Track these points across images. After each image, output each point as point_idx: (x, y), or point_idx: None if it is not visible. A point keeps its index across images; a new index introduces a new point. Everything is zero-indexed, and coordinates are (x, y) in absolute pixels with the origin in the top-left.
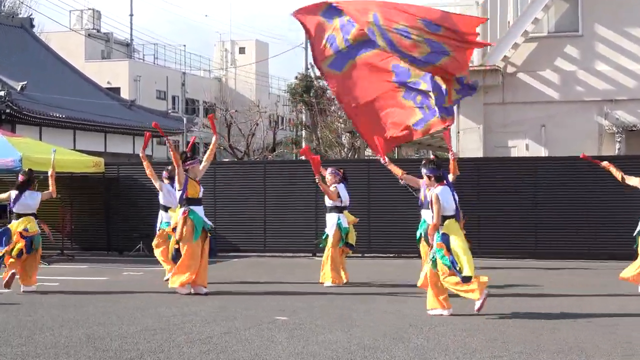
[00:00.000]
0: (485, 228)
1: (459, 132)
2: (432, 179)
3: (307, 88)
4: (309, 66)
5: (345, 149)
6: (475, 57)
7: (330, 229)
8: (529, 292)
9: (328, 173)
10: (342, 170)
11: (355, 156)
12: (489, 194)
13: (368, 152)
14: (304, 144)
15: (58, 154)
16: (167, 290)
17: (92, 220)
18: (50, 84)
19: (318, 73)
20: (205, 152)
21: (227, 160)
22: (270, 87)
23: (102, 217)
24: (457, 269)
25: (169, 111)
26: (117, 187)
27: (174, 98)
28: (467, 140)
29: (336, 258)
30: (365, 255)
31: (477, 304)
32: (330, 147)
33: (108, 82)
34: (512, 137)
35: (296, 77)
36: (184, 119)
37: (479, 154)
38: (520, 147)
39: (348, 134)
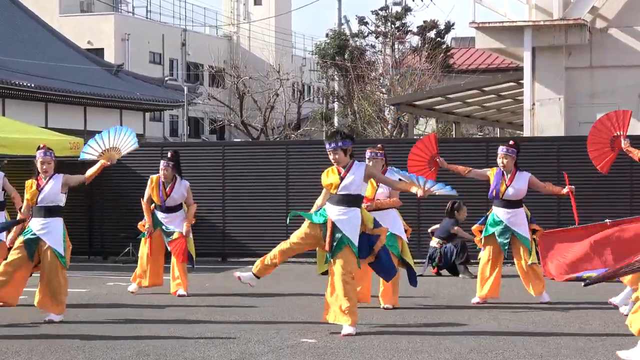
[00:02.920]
0: (567, 222)
1: (533, 105)
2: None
3: (340, 49)
4: (343, 20)
5: (389, 126)
6: (555, 8)
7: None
8: None
9: (369, 158)
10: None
11: (402, 135)
12: (572, 181)
13: (418, 129)
14: (336, 119)
15: (23, 133)
16: (162, 303)
17: (69, 218)
18: (15, 45)
19: (354, 29)
20: (211, 132)
21: (238, 140)
22: (293, 48)
23: (82, 214)
24: None
25: (166, 79)
26: (101, 174)
27: (172, 62)
28: (545, 114)
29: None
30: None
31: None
32: (369, 123)
33: (89, 42)
34: (602, 109)
35: (326, 35)
36: (185, 89)
37: (560, 131)
38: None
39: (392, 107)
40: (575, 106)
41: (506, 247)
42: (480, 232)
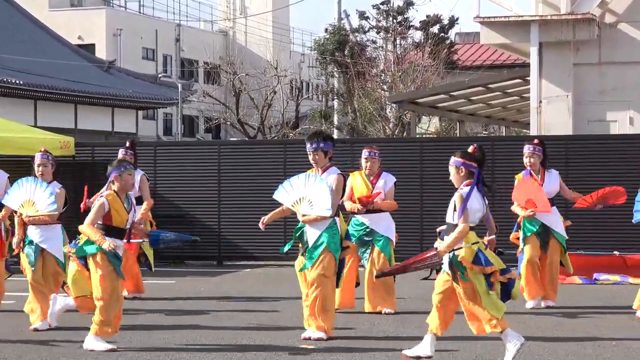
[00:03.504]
0: (577, 224)
1: (540, 102)
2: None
3: (340, 44)
4: (343, 15)
5: (391, 124)
6: (563, 2)
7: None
8: None
9: (366, 158)
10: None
11: (404, 134)
12: (581, 182)
13: (420, 127)
14: (335, 118)
15: (12, 132)
16: (155, 308)
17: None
18: (3, 40)
19: (355, 24)
20: (206, 131)
21: (235, 139)
22: (291, 44)
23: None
24: None
25: (160, 75)
26: (92, 174)
27: (165, 58)
28: (552, 112)
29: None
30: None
31: None
32: (370, 121)
33: (79, 38)
34: (612, 108)
35: (326, 30)
36: (179, 86)
37: (567, 130)
38: (623, 122)
39: (394, 105)
40: (584, 104)
41: (546, 246)
42: (518, 239)
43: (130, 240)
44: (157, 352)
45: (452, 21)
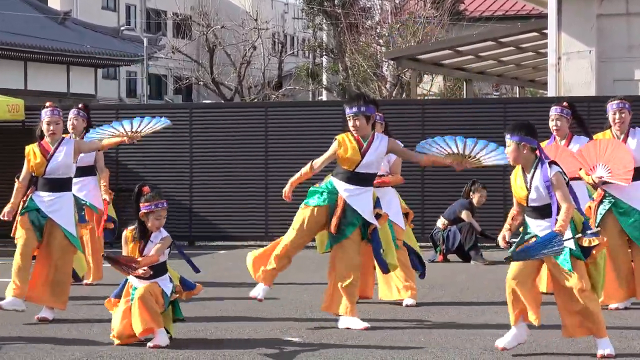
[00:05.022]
0: None
1: (559, 59)
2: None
3: None
4: None
5: (388, 85)
6: None
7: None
8: None
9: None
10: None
11: (403, 95)
12: None
13: (422, 88)
14: (324, 77)
15: None
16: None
17: (7, 195)
18: None
19: None
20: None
21: (209, 102)
22: None
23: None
24: None
25: (122, 28)
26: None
27: (128, 8)
28: (572, 70)
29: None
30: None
31: None
32: (364, 81)
33: None
34: None
35: None
36: (144, 40)
37: (590, 91)
38: None
39: (391, 62)
40: (609, 61)
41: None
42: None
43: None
44: (118, 348)
45: None
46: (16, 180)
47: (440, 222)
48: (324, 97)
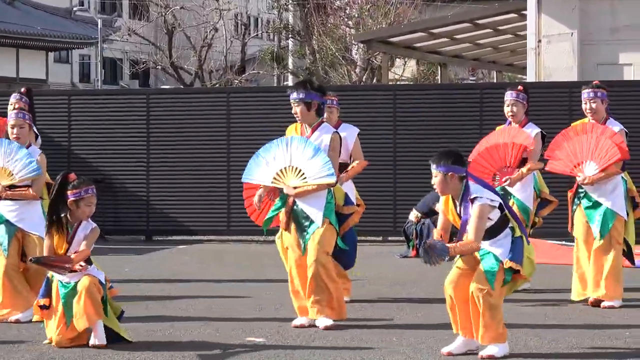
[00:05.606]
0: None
1: (539, 42)
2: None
3: None
4: None
5: (358, 69)
6: None
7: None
8: None
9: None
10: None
11: (374, 80)
12: None
13: (394, 73)
14: (290, 60)
15: None
16: None
17: None
18: None
19: None
20: (132, 77)
21: (167, 87)
22: None
23: None
24: None
25: (75, 9)
26: None
27: None
28: (553, 54)
29: None
30: (389, 239)
31: None
32: (332, 65)
33: None
34: (626, 48)
35: None
36: (99, 22)
37: (572, 76)
38: (639, 65)
39: (361, 45)
40: (592, 44)
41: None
42: None
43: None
44: (70, 350)
45: None
46: None
47: (413, 215)
48: (289, 83)
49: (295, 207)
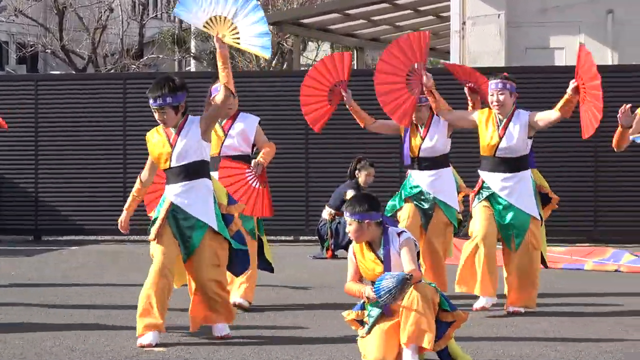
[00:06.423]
0: None
1: (464, 24)
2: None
3: None
4: None
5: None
6: None
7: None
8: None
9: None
10: None
11: (284, 66)
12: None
13: (306, 57)
14: (193, 44)
15: None
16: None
17: None
18: None
19: None
20: (19, 61)
21: (58, 73)
22: None
23: None
24: None
25: None
26: None
27: None
28: (479, 37)
29: None
30: (301, 239)
31: None
32: (239, 49)
33: None
34: (557, 31)
35: None
36: None
37: (499, 60)
38: (571, 50)
39: (271, 27)
40: (520, 26)
41: None
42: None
43: None
44: None
45: None
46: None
47: (326, 212)
48: (192, 68)
49: (176, 215)
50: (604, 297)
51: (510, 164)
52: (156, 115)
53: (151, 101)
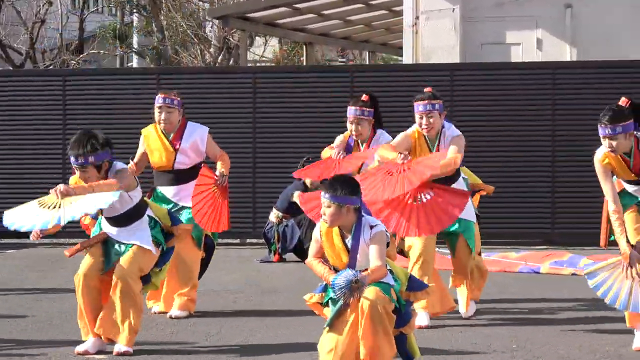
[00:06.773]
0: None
1: (417, 19)
2: None
3: None
4: None
5: (212, 49)
6: None
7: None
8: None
9: (160, 107)
10: None
11: (231, 62)
12: (470, 127)
13: (253, 53)
14: (135, 39)
15: None
16: None
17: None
18: None
19: None
20: None
21: None
22: None
23: None
24: None
25: None
26: None
27: None
28: (433, 32)
29: None
30: (248, 241)
31: None
32: (184, 45)
33: None
34: (513, 26)
35: None
36: None
37: (454, 56)
38: (529, 45)
39: (216, 22)
40: (476, 21)
41: None
42: None
43: None
44: None
45: None
46: None
47: (274, 214)
48: (134, 64)
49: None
50: (557, 302)
51: (447, 178)
52: (77, 173)
53: (72, 159)
